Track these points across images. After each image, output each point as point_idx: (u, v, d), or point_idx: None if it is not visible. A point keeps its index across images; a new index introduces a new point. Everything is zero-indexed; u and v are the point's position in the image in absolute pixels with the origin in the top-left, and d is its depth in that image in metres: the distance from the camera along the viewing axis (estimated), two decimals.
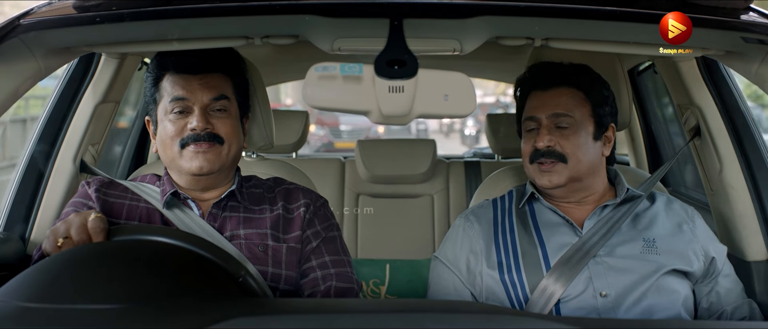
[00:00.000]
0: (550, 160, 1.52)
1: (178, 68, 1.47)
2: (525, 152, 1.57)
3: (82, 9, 1.27)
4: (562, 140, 1.52)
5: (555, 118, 1.53)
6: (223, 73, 1.50)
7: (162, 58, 1.49)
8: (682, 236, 1.52)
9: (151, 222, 1.46)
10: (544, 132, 1.53)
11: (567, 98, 1.55)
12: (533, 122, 1.56)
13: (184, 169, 1.45)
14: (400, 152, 3.02)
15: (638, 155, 3.02)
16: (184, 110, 1.45)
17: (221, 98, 1.47)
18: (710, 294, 1.53)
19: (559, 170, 1.51)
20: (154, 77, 1.50)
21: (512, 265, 1.51)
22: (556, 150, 1.52)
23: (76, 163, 1.94)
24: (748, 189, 1.75)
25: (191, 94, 1.45)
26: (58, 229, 1.20)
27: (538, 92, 1.58)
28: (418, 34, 1.20)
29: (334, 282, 1.47)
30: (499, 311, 1.21)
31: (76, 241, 1.16)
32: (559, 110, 1.53)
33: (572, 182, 1.54)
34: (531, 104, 1.58)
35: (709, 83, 1.80)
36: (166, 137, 1.45)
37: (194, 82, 1.45)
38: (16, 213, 1.90)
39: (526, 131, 1.59)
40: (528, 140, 1.57)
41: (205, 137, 1.43)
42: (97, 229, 1.16)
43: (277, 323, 0.91)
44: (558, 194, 1.56)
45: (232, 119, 1.49)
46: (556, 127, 1.53)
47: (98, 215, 1.18)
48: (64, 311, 0.88)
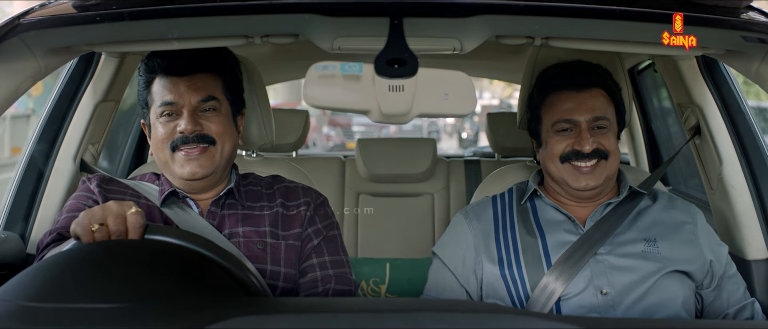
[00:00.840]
0: (592, 160, 1.51)
1: (165, 71, 1.46)
2: (556, 152, 1.54)
3: (82, 8, 1.27)
4: (602, 139, 1.52)
5: (594, 121, 1.52)
6: (211, 73, 1.49)
7: (150, 61, 1.49)
8: (684, 235, 1.52)
9: (151, 220, 1.47)
10: (586, 135, 1.51)
11: (602, 100, 1.55)
12: (569, 123, 1.54)
13: (176, 174, 1.45)
14: (400, 151, 3.02)
15: (638, 153, 3.02)
16: (173, 113, 1.45)
17: (210, 100, 1.46)
18: (715, 299, 1.53)
19: (600, 171, 1.51)
20: (145, 81, 1.50)
21: (513, 262, 1.51)
22: (600, 149, 1.51)
23: (76, 162, 1.94)
24: (749, 188, 1.75)
25: (179, 96, 1.44)
26: (95, 213, 1.13)
27: (569, 92, 1.55)
28: (418, 33, 1.20)
29: (332, 284, 1.47)
30: (498, 310, 1.21)
31: (112, 231, 1.11)
32: (598, 113, 1.53)
33: (606, 182, 1.54)
34: (564, 106, 1.55)
35: (709, 81, 1.80)
36: (158, 140, 1.46)
37: (181, 84, 1.45)
38: (16, 212, 1.90)
39: (557, 131, 1.55)
40: (560, 140, 1.54)
41: (194, 139, 1.43)
42: (136, 224, 1.11)
43: (277, 322, 0.91)
44: (585, 196, 1.56)
45: (223, 117, 1.49)
46: (595, 128, 1.53)
47: (139, 209, 1.13)
48: (65, 310, 0.88)
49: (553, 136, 1.56)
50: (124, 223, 1.12)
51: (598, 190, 1.54)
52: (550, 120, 1.57)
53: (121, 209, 1.13)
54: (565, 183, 1.54)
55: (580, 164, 1.51)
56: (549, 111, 1.58)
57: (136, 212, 1.13)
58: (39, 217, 1.90)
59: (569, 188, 1.54)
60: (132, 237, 1.11)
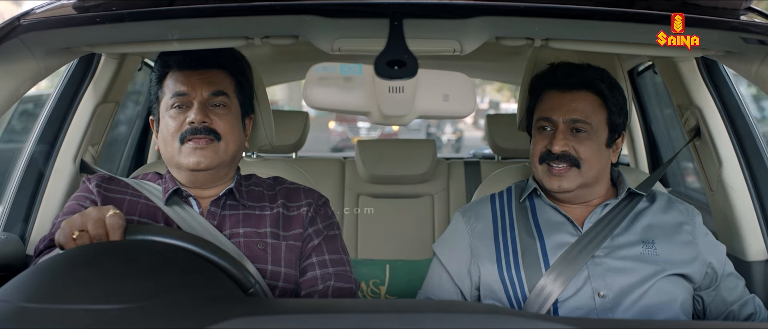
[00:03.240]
0: (563, 164, 1.49)
1: (180, 65, 1.49)
2: (535, 151, 1.54)
3: (82, 9, 1.28)
4: (578, 145, 1.50)
5: (572, 123, 1.50)
6: (224, 70, 1.52)
7: (166, 57, 1.51)
8: (682, 237, 1.52)
9: (152, 219, 1.47)
10: (560, 136, 1.49)
11: (586, 104, 1.52)
12: (548, 122, 1.53)
13: (182, 164, 1.46)
14: (400, 152, 3.02)
15: (638, 155, 3.02)
16: (183, 104, 1.46)
17: (220, 94, 1.48)
18: (716, 297, 1.53)
19: (572, 176, 1.50)
20: (158, 76, 1.52)
21: (511, 262, 1.51)
22: (571, 154, 1.49)
23: (76, 163, 1.94)
24: (748, 189, 1.76)
25: (191, 88, 1.46)
26: (75, 221, 1.15)
27: (554, 91, 1.55)
28: (418, 34, 1.20)
29: (332, 281, 1.47)
30: (497, 311, 1.21)
31: (93, 236, 1.13)
32: (577, 115, 1.50)
33: (581, 188, 1.53)
34: (547, 104, 1.54)
35: (709, 83, 1.80)
36: (167, 133, 1.46)
37: (194, 77, 1.47)
38: (16, 213, 1.90)
39: (538, 129, 1.55)
40: (540, 140, 1.54)
41: (202, 131, 1.44)
42: (115, 226, 1.13)
43: (277, 323, 0.91)
44: (564, 198, 1.56)
45: (232, 116, 1.50)
46: (573, 131, 1.51)
47: (117, 212, 1.15)
48: (64, 311, 0.88)
49: (535, 135, 1.57)
50: (103, 226, 1.14)
51: (574, 194, 1.53)
52: (534, 119, 1.58)
53: (99, 214, 1.15)
54: (542, 184, 1.55)
55: (553, 166, 1.50)
56: (536, 110, 1.59)
57: (115, 214, 1.14)
58: (39, 218, 1.90)
59: (545, 189, 1.55)
60: (113, 239, 1.13)
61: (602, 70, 1.59)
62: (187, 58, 1.48)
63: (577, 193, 1.53)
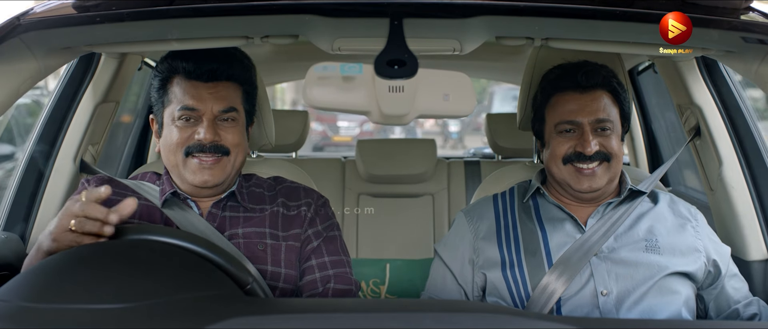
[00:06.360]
0: (594, 163, 1.50)
1: (189, 74, 1.45)
2: (558, 153, 1.54)
3: (82, 9, 1.27)
4: (605, 142, 1.51)
5: (598, 123, 1.52)
6: (234, 82, 1.48)
7: (173, 60, 1.46)
8: (685, 236, 1.52)
9: (151, 220, 1.47)
10: (589, 137, 1.50)
11: (606, 102, 1.54)
12: (572, 125, 1.53)
13: (187, 180, 1.45)
14: (400, 151, 3.02)
15: (638, 154, 3.02)
16: (192, 118, 1.43)
17: (231, 110, 1.45)
18: (719, 297, 1.53)
19: (602, 173, 1.51)
20: (163, 78, 1.47)
21: (514, 261, 1.52)
22: (602, 151, 1.51)
23: (76, 163, 1.94)
24: (748, 189, 1.76)
25: (201, 103, 1.43)
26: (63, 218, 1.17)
27: (573, 93, 1.55)
28: (418, 34, 1.20)
29: (332, 283, 1.47)
30: (498, 310, 1.21)
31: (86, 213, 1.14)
32: (602, 114, 1.52)
33: (608, 184, 1.53)
34: (567, 107, 1.54)
35: (709, 82, 1.80)
36: (171, 143, 1.44)
37: (204, 91, 1.43)
38: (16, 213, 1.90)
39: (560, 132, 1.55)
40: (563, 141, 1.54)
41: (211, 149, 1.42)
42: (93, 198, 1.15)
43: (277, 323, 0.91)
44: (587, 197, 1.55)
45: (240, 128, 1.48)
46: (598, 129, 1.52)
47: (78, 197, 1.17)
48: (64, 311, 0.88)
49: (556, 137, 1.56)
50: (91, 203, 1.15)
51: (600, 192, 1.54)
52: (553, 121, 1.56)
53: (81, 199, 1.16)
54: (567, 185, 1.54)
55: (582, 166, 1.51)
56: (552, 112, 1.57)
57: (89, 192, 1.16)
58: (39, 218, 1.90)
59: (571, 189, 1.54)
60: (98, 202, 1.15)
61: (609, 68, 1.61)
62: (197, 69, 1.44)
63: (603, 190, 1.54)
